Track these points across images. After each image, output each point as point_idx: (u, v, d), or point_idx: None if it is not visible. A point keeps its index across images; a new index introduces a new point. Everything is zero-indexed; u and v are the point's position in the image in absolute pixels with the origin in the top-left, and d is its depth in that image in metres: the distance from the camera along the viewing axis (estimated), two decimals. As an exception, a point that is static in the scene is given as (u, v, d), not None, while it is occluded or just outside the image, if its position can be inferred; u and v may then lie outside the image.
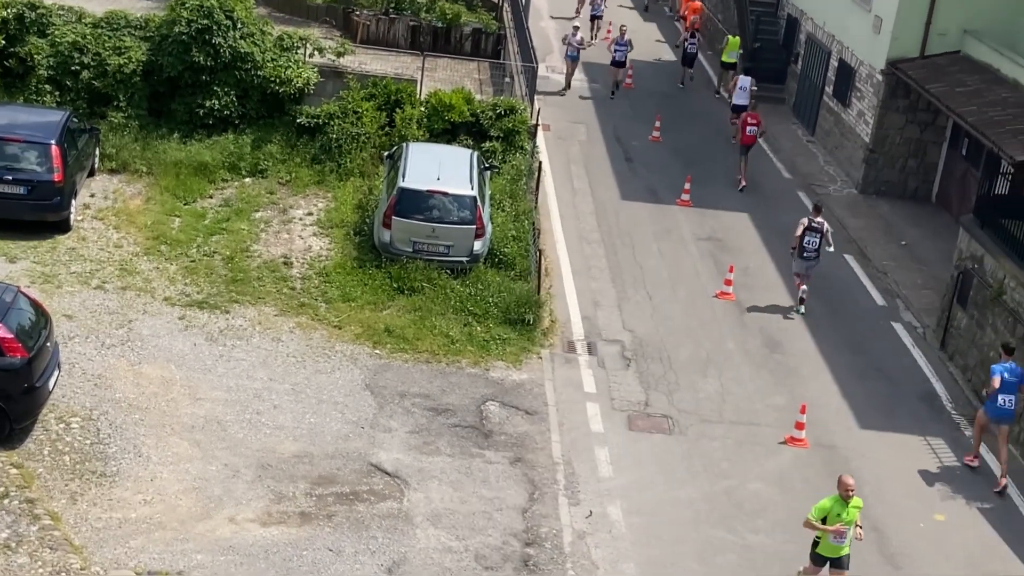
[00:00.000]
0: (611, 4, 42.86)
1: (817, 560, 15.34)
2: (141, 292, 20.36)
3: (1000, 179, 22.39)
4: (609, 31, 39.28)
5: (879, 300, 24.55)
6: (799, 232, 23.06)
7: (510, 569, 15.29)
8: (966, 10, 28.22)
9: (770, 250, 26.11)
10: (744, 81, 32.67)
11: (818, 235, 22.94)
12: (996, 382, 18.49)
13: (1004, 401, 18.51)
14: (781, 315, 23.21)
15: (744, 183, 29.12)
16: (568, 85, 34.78)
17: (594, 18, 40.26)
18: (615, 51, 34.56)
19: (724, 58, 36.40)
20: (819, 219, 23.19)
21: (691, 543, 16.39)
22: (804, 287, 23.32)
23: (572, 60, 34.56)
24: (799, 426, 19.14)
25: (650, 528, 16.56)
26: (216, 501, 15.76)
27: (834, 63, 32.61)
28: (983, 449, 19.28)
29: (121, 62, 25.26)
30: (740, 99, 32.46)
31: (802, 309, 23.26)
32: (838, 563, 15.24)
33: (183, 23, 25.17)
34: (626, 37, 34.70)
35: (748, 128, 29.39)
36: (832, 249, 23.55)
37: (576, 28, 34.97)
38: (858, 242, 27.02)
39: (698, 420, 19.34)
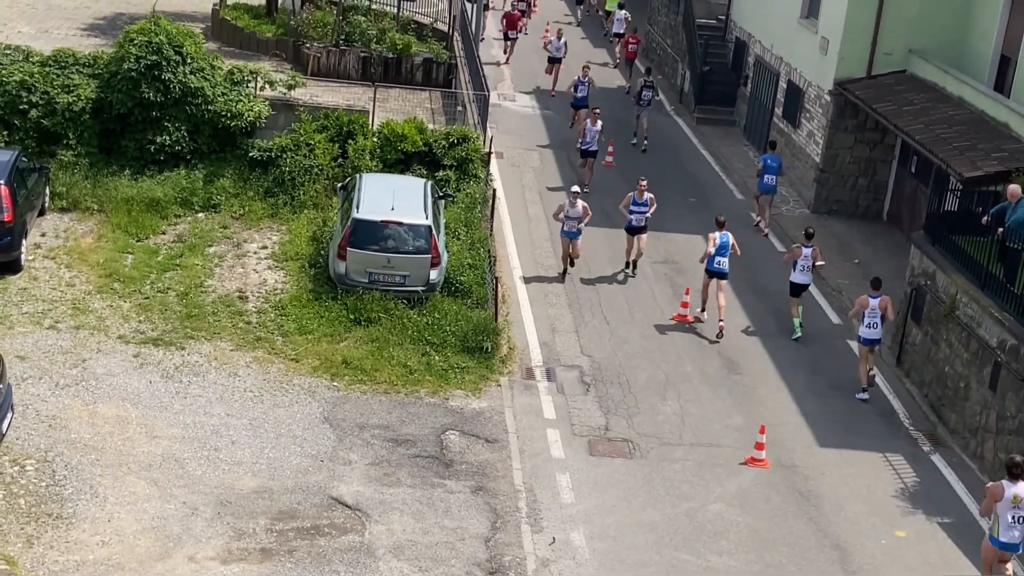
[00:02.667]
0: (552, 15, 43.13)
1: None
2: (95, 331, 20.15)
3: (949, 196, 22.66)
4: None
5: (834, 319, 24.73)
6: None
7: (474, 599, 15.20)
8: (911, 30, 28.63)
9: (725, 271, 26.20)
10: (620, 14, 42.31)
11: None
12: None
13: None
14: (738, 336, 23.33)
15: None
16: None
17: (552, 60, 38.21)
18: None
19: (607, 7, 45.58)
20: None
21: (655, 567, 16.37)
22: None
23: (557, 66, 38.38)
24: (759, 446, 19.21)
25: (614, 553, 16.53)
26: (175, 540, 15.57)
27: (783, 85, 32.95)
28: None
29: (70, 100, 25.08)
30: (618, 28, 42.72)
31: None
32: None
33: (132, 59, 25.05)
34: (563, 38, 37.71)
35: (630, 46, 40.45)
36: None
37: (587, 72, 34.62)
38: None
39: (658, 443, 19.37)
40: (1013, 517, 15.30)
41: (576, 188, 25.05)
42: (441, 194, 24.66)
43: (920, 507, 18.49)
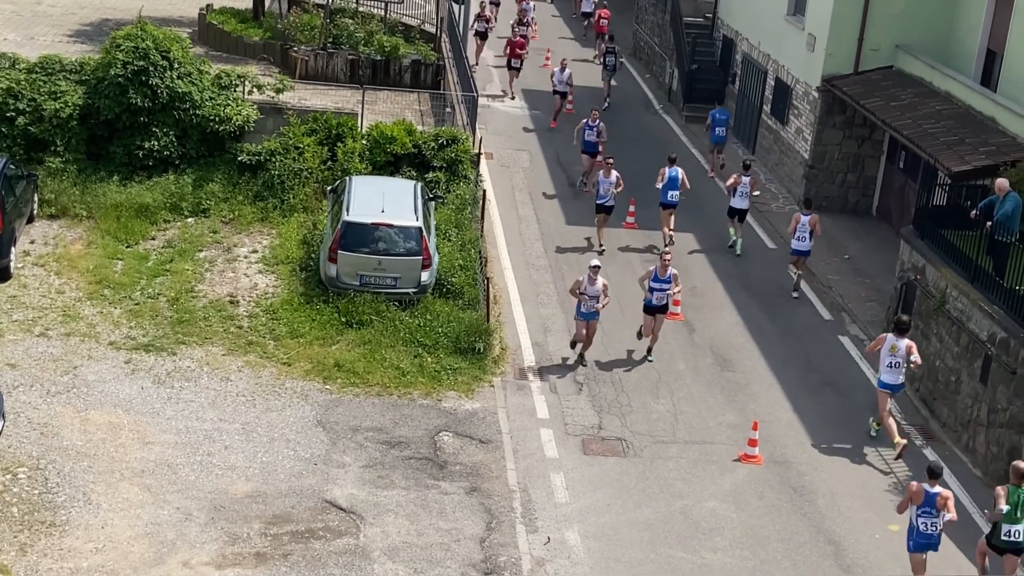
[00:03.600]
0: (551, 36, 43.17)
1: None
2: (85, 337, 20.11)
3: (938, 190, 22.72)
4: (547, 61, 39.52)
5: (825, 314, 24.78)
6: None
7: (470, 600, 15.20)
8: (897, 26, 28.70)
9: (716, 270, 26.30)
10: None
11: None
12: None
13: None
14: (730, 333, 23.37)
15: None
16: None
17: (557, 93, 35.35)
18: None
19: None
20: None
21: (650, 564, 16.38)
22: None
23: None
24: (752, 443, 19.24)
25: (609, 552, 16.54)
26: (169, 546, 15.54)
27: (771, 82, 33.01)
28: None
29: (57, 107, 25.02)
30: (587, 7, 46.74)
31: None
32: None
33: (119, 65, 25.00)
34: (567, 71, 34.86)
35: (601, 20, 42.90)
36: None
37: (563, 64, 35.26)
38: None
39: (652, 441, 19.38)
40: (890, 363, 19.52)
41: (596, 262, 21.22)
42: (431, 195, 24.66)
43: (913, 501, 18.50)
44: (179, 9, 35.64)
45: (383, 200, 22.52)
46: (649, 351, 21.95)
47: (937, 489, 15.80)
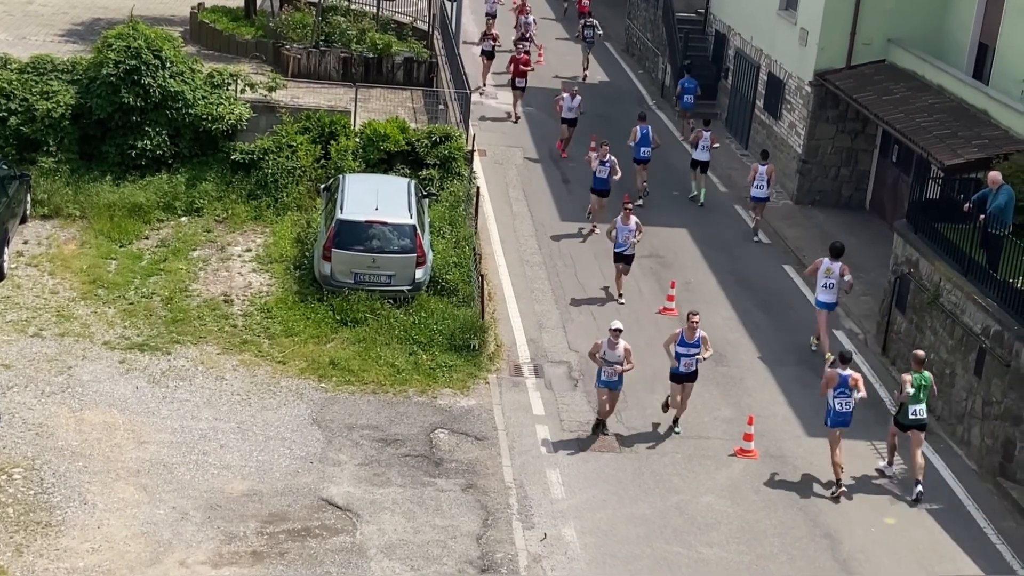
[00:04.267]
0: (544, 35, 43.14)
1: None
2: (79, 337, 20.08)
3: (931, 184, 22.74)
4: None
5: (820, 308, 24.77)
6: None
7: (467, 597, 15.21)
8: (889, 20, 28.72)
9: (710, 264, 26.32)
10: None
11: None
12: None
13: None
14: (725, 328, 23.38)
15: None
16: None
17: (565, 122, 32.31)
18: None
19: None
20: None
21: (646, 560, 16.40)
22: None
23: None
24: (748, 437, 19.26)
25: (605, 547, 16.55)
26: (165, 545, 15.53)
27: (763, 77, 33.02)
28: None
29: (49, 106, 24.97)
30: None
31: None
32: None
33: (111, 64, 24.95)
34: (576, 98, 32.10)
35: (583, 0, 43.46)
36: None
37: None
38: (796, 252, 27.29)
39: (647, 437, 19.38)
40: (824, 284, 22.08)
41: (618, 325, 19.09)
42: (425, 193, 24.65)
43: (908, 494, 18.55)
44: (170, 8, 35.56)
45: (377, 198, 22.51)
46: (676, 421, 19.73)
47: (848, 372, 18.23)
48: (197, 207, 24.92)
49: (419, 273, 21.97)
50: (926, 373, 18.57)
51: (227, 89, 26.45)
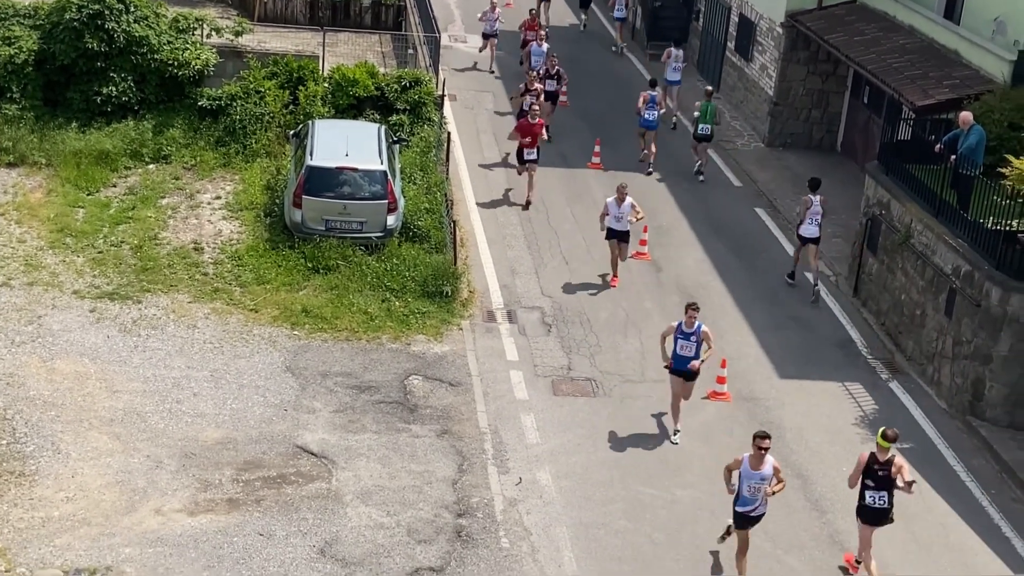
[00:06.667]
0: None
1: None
2: (49, 287, 19.90)
3: (902, 125, 22.75)
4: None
5: (791, 251, 24.83)
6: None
7: (443, 541, 15.28)
8: (860, -40, 28.60)
9: (682, 207, 26.30)
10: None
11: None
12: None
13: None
14: (697, 271, 23.42)
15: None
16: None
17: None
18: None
19: None
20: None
21: (621, 502, 16.51)
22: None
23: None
24: (720, 380, 19.36)
25: (580, 490, 16.64)
26: (141, 493, 15.50)
27: (734, 18, 32.85)
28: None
29: (11, 52, 24.55)
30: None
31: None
32: None
33: (73, 9, 24.54)
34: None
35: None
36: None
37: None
38: (768, 195, 27.32)
39: (621, 381, 19.46)
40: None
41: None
42: (395, 138, 24.46)
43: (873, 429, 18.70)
44: (133, -49, 34.93)
45: (347, 144, 22.32)
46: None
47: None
48: (165, 154, 24.64)
49: (391, 219, 21.85)
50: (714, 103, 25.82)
51: (193, 34, 26.09)
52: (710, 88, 27.87)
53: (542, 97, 27.80)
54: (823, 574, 15.70)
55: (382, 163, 22.03)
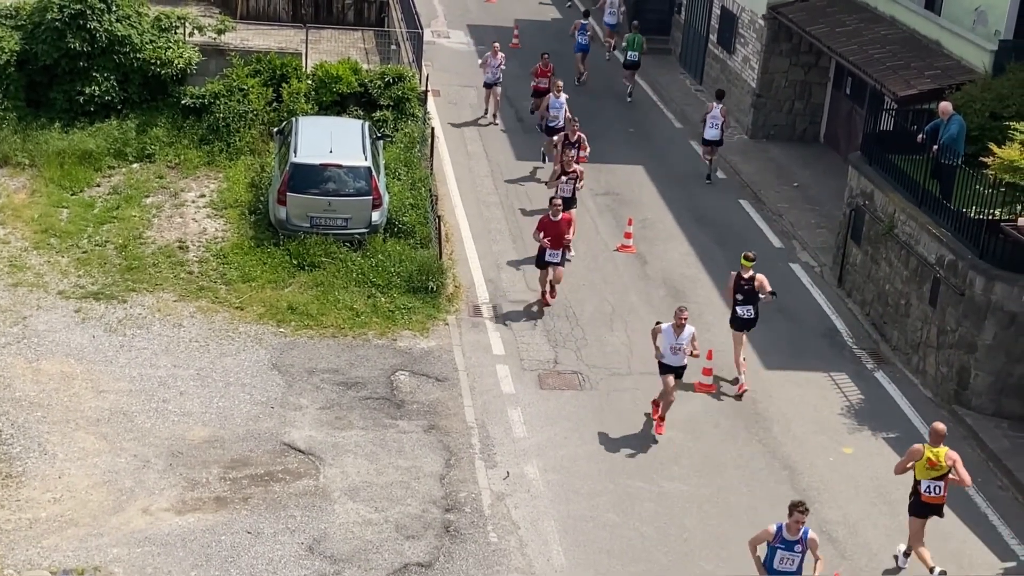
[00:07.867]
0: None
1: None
2: (33, 287, 19.85)
3: (884, 115, 22.82)
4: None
5: (776, 242, 24.94)
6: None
7: (431, 536, 15.31)
8: (841, -49, 28.64)
9: (667, 200, 26.36)
10: None
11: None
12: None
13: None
14: (682, 264, 23.47)
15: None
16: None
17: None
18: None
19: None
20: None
21: (609, 495, 16.55)
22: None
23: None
24: (706, 372, 19.42)
25: (568, 484, 16.68)
26: (128, 493, 15.49)
27: (716, 11, 32.90)
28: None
29: (-7, 53, 24.50)
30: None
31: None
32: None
33: (55, 9, 24.46)
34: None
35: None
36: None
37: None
38: (752, 186, 27.39)
39: (607, 374, 19.50)
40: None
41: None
42: (379, 135, 24.45)
43: (866, 424, 18.82)
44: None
45: (331, 140, 22.30)
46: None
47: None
48: (148, 153, 24.60)
49: (375, 215, 21.85)
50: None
51: (175, 32, 26.04)
52: (636, 22, 32.86)
53: (582, 180, 23.58)
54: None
55: (366, 159, 22.02)
